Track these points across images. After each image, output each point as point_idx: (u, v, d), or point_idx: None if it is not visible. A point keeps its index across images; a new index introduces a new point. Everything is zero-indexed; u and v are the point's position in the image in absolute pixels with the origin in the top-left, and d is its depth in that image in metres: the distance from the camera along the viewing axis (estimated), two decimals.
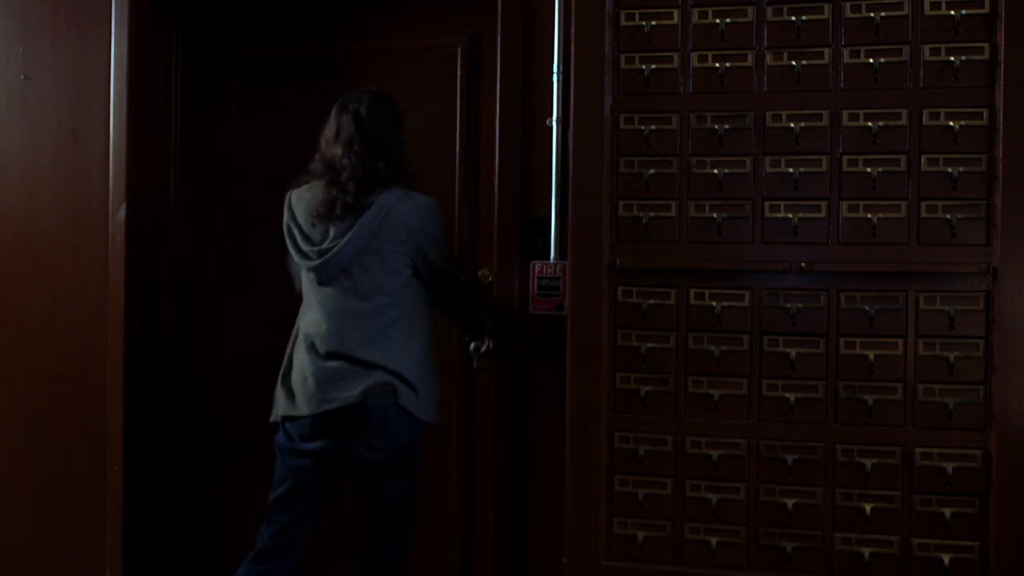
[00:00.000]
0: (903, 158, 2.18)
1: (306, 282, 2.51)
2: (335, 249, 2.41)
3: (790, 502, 2.22)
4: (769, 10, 2.23)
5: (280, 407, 2.49)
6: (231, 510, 3.22)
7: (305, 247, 2.47)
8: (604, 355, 2.28)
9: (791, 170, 2.22)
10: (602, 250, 2.28)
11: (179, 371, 3.26)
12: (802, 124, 2.22)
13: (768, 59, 2.23)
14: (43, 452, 3.10)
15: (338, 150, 2.45)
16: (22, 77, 3.11)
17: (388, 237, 2.42)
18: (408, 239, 2.44)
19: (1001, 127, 2.11)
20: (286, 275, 2.63)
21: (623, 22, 2.29)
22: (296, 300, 2.57)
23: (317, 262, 2.43)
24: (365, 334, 2.42)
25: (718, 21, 2.25)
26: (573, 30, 2.32)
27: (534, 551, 2.81)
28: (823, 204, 2.21)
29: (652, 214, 2.28)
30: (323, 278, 2.44)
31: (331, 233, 2.44)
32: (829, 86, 2.21)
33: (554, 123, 2.75)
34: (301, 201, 2.51)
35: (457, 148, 3.02)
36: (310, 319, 2.49)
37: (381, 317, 2.44)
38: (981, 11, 2.14)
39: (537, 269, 2.76)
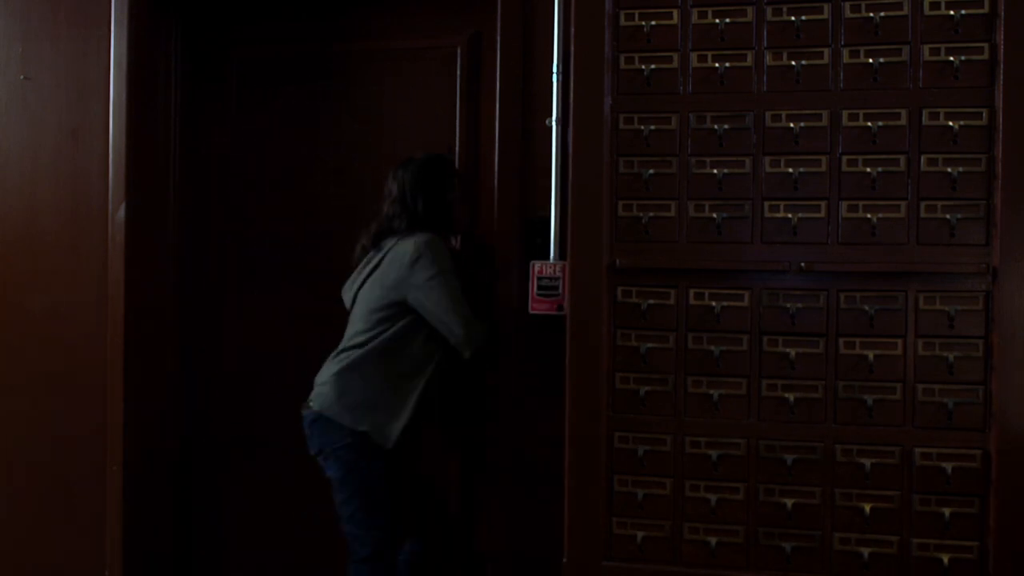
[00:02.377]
0: (903, 158, 2.18)
1: None
2: (355, 287, 2.66)
3: (789, 502, 2.22)
4: (769, 10, 2.23)
5: None
6: (231, 510, 3.22)
7: (346, 285, 2.72)
8: (604, 355, 2.28)
9: (791, 170, 2.22)
10: (602, 250, 2.28)
11: (179, 371, 3.26)
12: (802, 124, 2.21)
13: (768, 59, 2.23)
14: (43, 452, 3.10)
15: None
16: (22, 77, 3.11)
17: (377, 277, 2.59)
18: (395, 278, 2.56)
19: (1001, 127, 2.11)
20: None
21: (623, 22, 2.29)
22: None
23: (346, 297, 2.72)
24: (340, 356, 2.60)
25: (718, 21, 2.25)
26: (573, 30, 2.32)
27: (534, 552, 2.81)
28: (823, 204, 2.21)
29: (652, 214, 2.28)
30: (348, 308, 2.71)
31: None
32: (829, 86, 2.21)
33: (554, 123, 2.74)
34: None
35: (457, 148, 3.01)
36: None
37: (354, 341, 2.59)
38: (981, 11, 2.14)
39: (537, 269, 2.75)
